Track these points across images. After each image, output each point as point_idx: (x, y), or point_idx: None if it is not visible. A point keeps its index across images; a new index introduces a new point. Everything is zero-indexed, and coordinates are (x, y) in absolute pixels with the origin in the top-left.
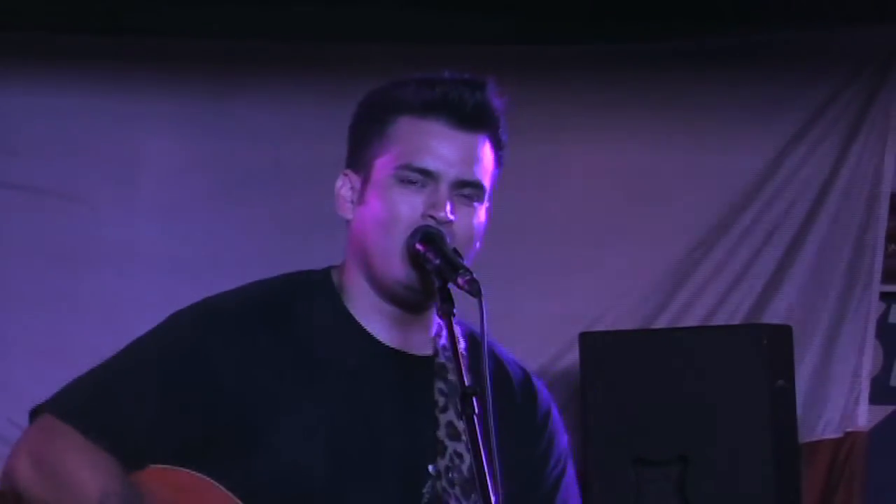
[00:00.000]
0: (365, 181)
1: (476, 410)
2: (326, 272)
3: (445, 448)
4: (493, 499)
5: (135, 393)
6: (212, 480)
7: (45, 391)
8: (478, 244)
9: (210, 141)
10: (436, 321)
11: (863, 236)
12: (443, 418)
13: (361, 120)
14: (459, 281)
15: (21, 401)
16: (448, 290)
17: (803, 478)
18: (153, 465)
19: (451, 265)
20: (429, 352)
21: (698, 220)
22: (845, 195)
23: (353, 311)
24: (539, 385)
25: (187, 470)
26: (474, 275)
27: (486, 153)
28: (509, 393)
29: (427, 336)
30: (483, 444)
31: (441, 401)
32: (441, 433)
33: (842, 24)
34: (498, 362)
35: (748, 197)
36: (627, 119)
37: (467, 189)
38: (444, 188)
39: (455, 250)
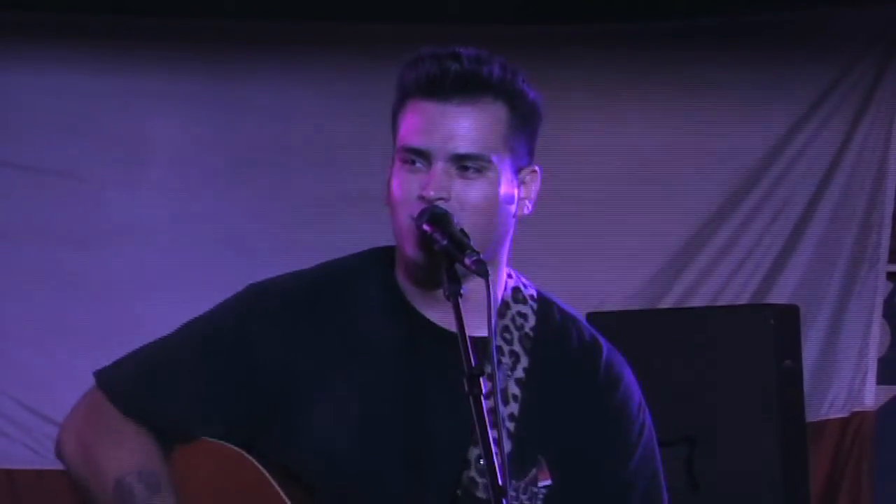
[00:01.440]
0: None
1: (483, 391)
2: (393, 249)
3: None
4: (499, 477)
5: (180, 374)
6: (251, 458)
7: (48, 370)
8: (511, 210)
9: (214, 121)
10: (495, 300)
11: (869, 215)
12: (484, 404)
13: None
14: (466, 261)
15: (25, 379)
16: (455, 270)
17: (810, 458)
18: (202, 438)
19: (458, 245)
20: (483, 332)
21: (705, 199)
22: (852, 174)
23: (404, 291)
24: (611, 353)
25: (231, 445)
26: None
27: (488, 120)
28: (570, 356)
29: (482, 314)
30: (491, 424)
31: (486, 386)
32: None
33: (849, 3)
34: (565, 330)
35: (755, 176)
36: (633, 99)
37: (467, 162)
38: (438, 166)
39: (462, 231)
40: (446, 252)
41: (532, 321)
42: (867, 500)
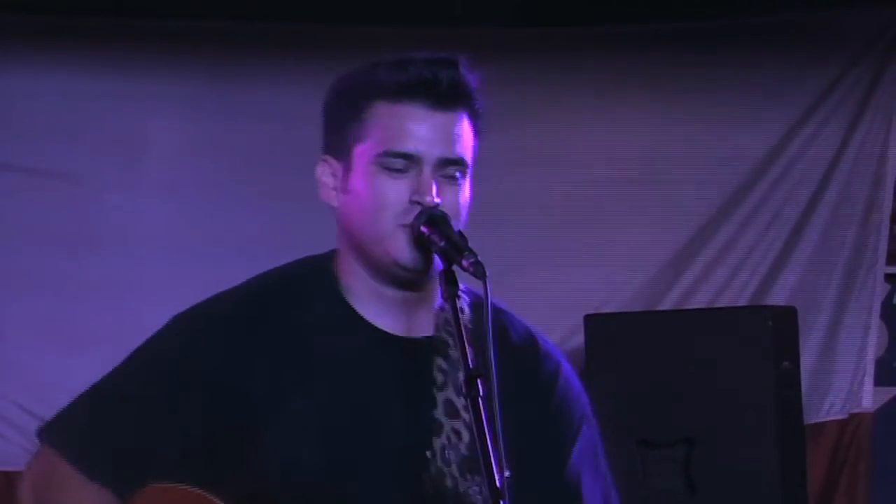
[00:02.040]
0: (346, 169)
1: (481, 392)
2: (329, 257)
3: (442, 427)
4: (497, 480)
5: (130, 415)
6: (206, 493)
7: (47, 373)
8: (464, 218)
9: (213, 123)
10: (440, 295)
11: (867, 217)
12: (440, 396)
13: (336, 105)
14: (464, 263)
15: (24, 383)
16: (453, 272)
17: (808, 459)
18: (151, 485)
19: (455, 247)
20: (430, 332)
21: (704, 201)
22: (850, 176)
23: (349, 299)
24: (547, 345)
25: (182, 485)
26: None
27: (465, 128)
28: (511, 353)
29: (430, 314)
30: (488, 425)
31: (440, 378)
32: (438, 412)
33: (847, 5)
34: (502, 325)
35: (754, 178)
36: (632, 101)
37: (451, 168)
38: (427, 171)
39: (460, 233)
40: (444, 254)
41: (468, 313)
42: (864, 501)
